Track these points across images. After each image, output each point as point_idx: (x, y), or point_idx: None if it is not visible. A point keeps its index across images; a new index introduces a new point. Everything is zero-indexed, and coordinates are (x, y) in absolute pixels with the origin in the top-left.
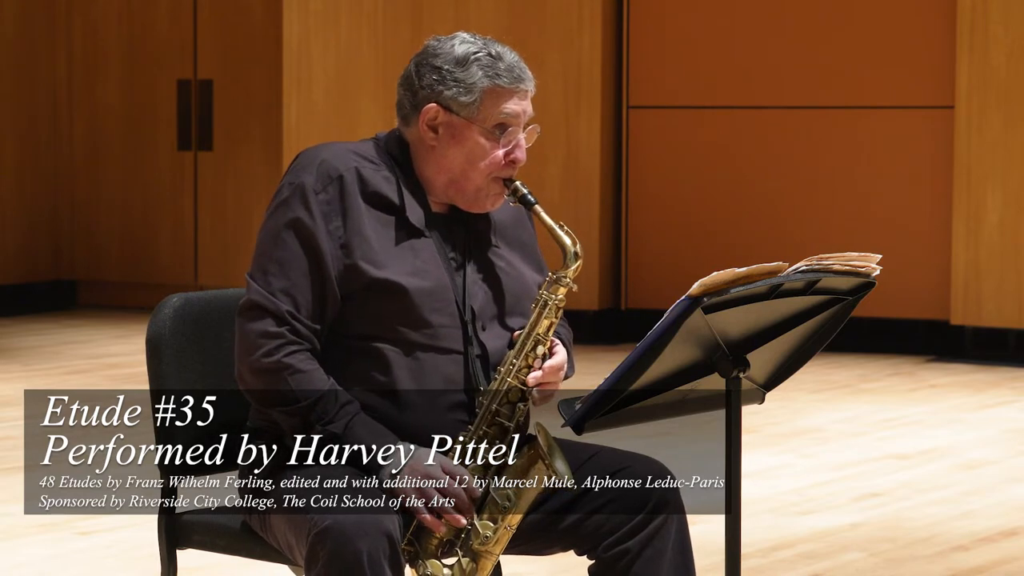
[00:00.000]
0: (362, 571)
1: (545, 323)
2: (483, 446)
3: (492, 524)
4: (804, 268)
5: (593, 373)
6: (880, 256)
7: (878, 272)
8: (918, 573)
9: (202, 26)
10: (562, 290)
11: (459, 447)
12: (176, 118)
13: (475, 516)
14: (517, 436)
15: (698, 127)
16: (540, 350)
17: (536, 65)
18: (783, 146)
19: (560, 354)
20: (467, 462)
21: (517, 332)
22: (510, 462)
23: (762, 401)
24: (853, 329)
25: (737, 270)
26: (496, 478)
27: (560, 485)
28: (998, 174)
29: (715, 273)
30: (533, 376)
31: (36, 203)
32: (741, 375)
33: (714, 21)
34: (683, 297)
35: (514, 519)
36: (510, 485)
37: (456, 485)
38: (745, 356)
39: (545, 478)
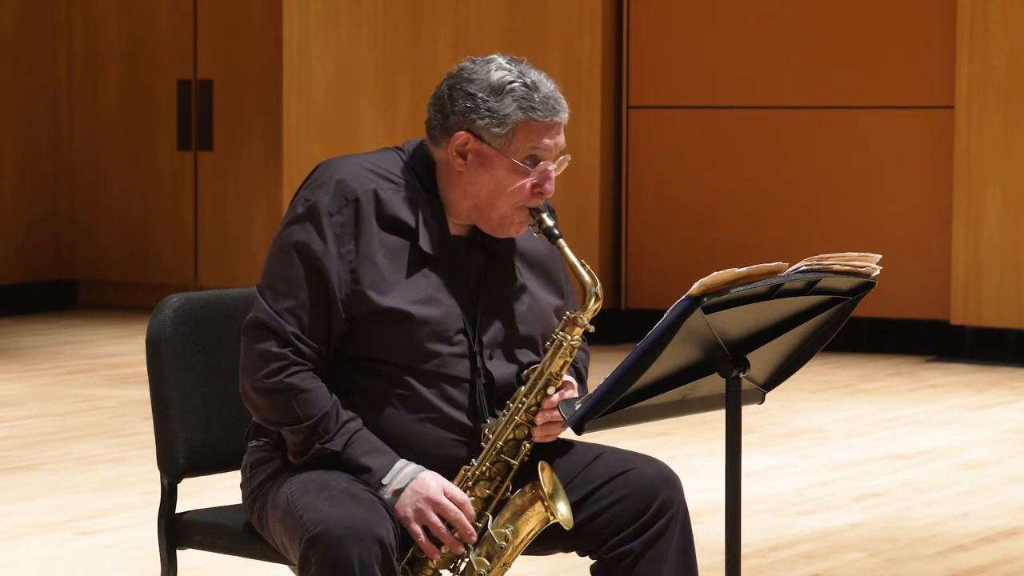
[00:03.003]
0: None
1: (559, 363)
2: (485, 482)
3: (487, 562)
4: (804, 268)
5: (593, 373)
6: (880, 256)
7: (878, 272)
8: (918, 573)
9: (202, 26)
10: (578, 330)
11: (461, 479)
12: (176, 118)
13: (471, 550)
14: (520, 474)
15: (698, 127)
16: (551, 391)
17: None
18: (783, 146)
19: (566, 390)
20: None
21: (529, 369)
22: (510, 499)
23: (762, 401)
24: (853, 329)
25: (737, 270)
26: (495, 515)
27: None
28: (998, 174)
29: (715, 273)
30: (542, 416)
31: (36, 203)
32: (741, 375)
33: (714, 21)
34: (683, 297)
35: (510, 558)
36: (508, 524)
37: (457, 510)
38: (745, 356)
39: (545, 520)
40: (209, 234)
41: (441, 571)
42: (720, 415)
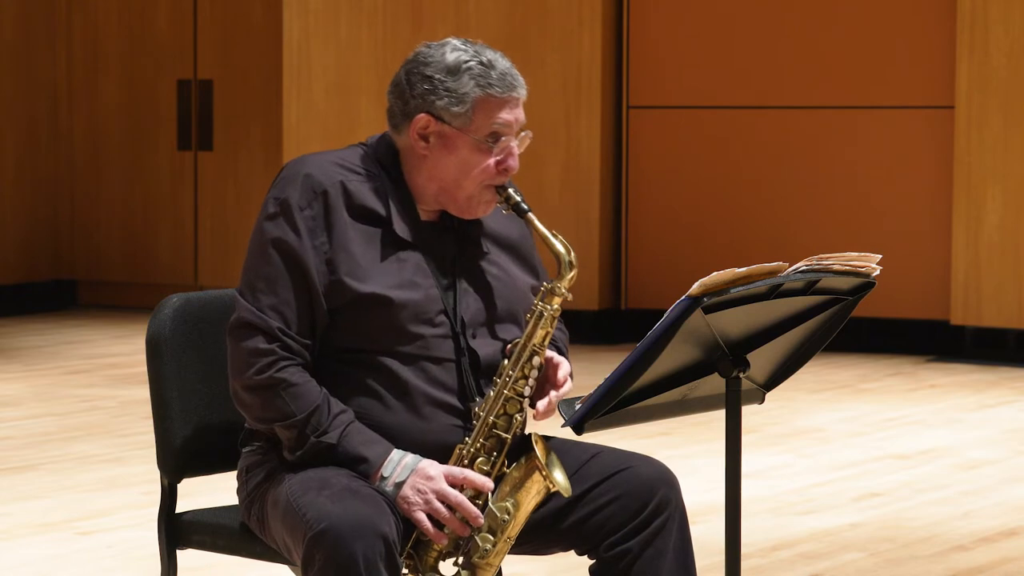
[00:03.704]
0: (358, 573)
1: (540, 333)
2: (480, 458)
3: (491, 537)
4: (804, 268)
5: (593, 373)
6: (880, 256)
7: (878, 272)
8: (918, 573)
9: (202, 26)
10: (557, 300)
11: (457, 459)
12: (176, 118)
13: (475, 528)
14: (514, 447)
15: (698, 127)
16: (536, 361)
17: (536, 65)
18: (783, 146)
19: (566, 364)
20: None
21: (512, 343)
22: (507, 473)
23: (762, 401)
24: (853, 329)
25: (737, 270)
26: (494, 490)
27: (559, 496)
28: (998, 174)
29: (715, 273)
30: (549, 398)
31: (36, 203)
32: (741, 375)
33: (714, 21)
34: (683, 297)
35: (513, 531)
36: (508, 497)
37: (459, 494)
38: (745, 356)
39: (543, 489)
40: (209, 234)
41: (446, 552)
42: (720, 415)
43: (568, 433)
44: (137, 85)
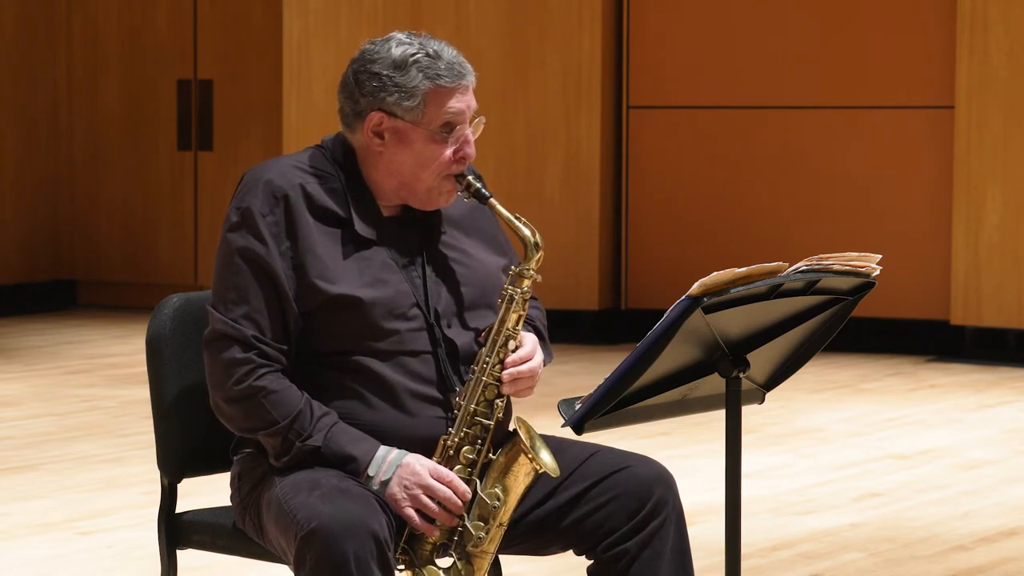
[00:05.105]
0: (349, 572)
1: (513, 317)
2: (465, 447)
3: (483, 524)
4: (804, 268)
5: (593, 373)
6: (880, 256)
7: (878, 272)
8: (918, 573)
9: (202, 26)
10: (527, 282)
11: (441, 450)
12: (176, 118)
13: (465, 517)
14: (498, 433)
15: (698, 127)
16: (511, 345)
17: (536, 65)
18: (783, 146)
19: (526, 345)
20: (452, 464)
21: (486, 329)
22: (493, 459)
23: (762, 401)
24: (853, 329)
25: (737, 270)
26: (482, 478)
27: (547, 476)
28: (998, 174)
29: (715, 273)
30: (507, 373)
31: (36, 203)
32: (741, 375)
33: (714, 21)
34: (683, 297)
35: (505, 516)
36: (497, 484)
37: (446, 488)
38: (745, 356)
39: (531, 471)
40: (209, 234)
41: (440, 544)
42: (720, 415)
43: (568, 433)
44: (137, 85)
